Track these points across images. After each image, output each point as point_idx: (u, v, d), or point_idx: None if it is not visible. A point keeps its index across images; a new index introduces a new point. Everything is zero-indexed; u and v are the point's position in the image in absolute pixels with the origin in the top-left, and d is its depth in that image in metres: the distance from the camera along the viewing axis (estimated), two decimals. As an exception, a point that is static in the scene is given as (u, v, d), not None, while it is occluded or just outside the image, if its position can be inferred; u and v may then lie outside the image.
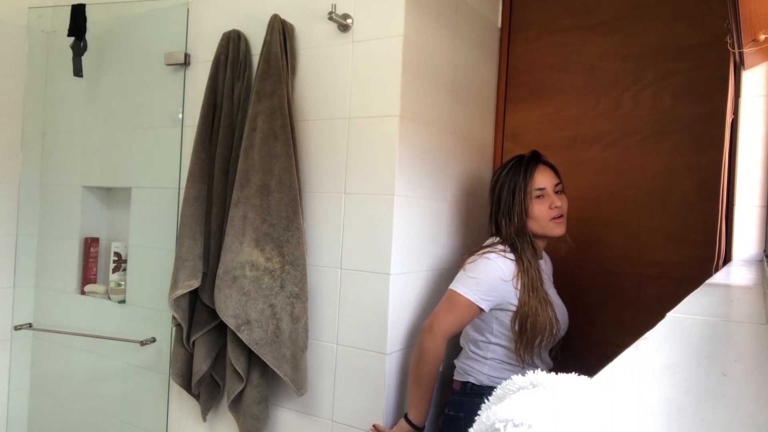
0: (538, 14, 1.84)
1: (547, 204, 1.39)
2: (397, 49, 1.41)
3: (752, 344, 0.42)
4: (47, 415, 2.16)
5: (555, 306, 1.40)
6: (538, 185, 1.39)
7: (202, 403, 1.67)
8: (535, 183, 1.39)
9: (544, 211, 1.39)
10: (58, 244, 2.12)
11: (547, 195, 1.40)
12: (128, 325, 1.92)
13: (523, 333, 1.34)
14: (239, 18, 1.68)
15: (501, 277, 1.35)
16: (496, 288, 1.35)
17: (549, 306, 1.37)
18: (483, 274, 1.35)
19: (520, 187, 1.39)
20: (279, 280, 1.47)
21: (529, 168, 1.40)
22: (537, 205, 1.39)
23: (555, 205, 1.39)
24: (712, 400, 0.28)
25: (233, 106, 1.61)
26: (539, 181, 1.39)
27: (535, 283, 1.36)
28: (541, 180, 1.40)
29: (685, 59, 1.60)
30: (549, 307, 1.36)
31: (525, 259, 1.37)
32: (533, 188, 1.39)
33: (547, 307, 1.36)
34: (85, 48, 1.95)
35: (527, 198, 1.39)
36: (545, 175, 1.41)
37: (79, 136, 2.09)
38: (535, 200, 1.39)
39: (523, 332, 1.34)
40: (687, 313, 0.49)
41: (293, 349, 1.47)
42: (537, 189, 1.39)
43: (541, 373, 0.38)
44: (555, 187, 1.42)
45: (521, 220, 1.39)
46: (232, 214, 1.49)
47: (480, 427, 0.32)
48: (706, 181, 1.55)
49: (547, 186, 1.40)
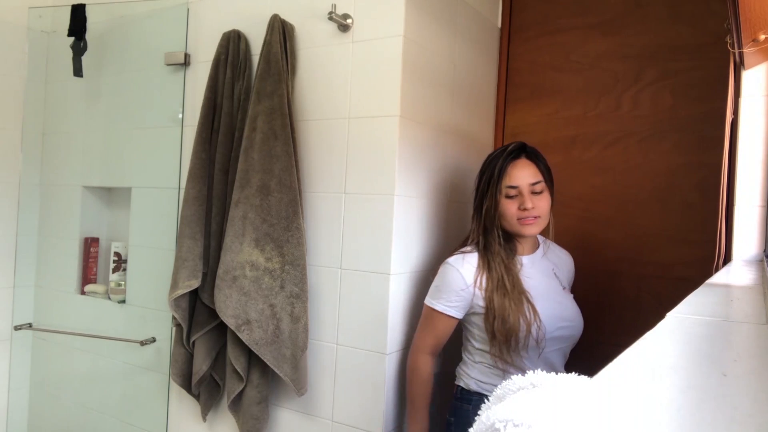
0: (538, 14, 1.84)
1: (517, 204, 1.31)
2: (397, 49, 1.41)
3: (752, 344, 0.42)
4: (47, 415, 2.16)
5: (543, 304, 1.31)
6: (510, 182, 1.31)
7: (202, 403, 1.67)
8: (507, 180, 1.31)
9: (513, 210, 1.31)
10: (58, 244, 2.12)
11: (519, 194, 1.31)
12: (128, 325, 1.92)
13: (495, 335, 1.28)
14: (239, 18, 1.68)
15: (460, 280, 1.31)
16: (458, 293, 1.31)
17: (525, 305, 1.28)
18: (444, 282, 1.33)
19: (494, 182, 1.32)
20: (279, 280, 1.47)
21: (506, 162, 1.32)
22: (507, 203, 1.31)
23: (523, 207, 1.30)
24: (712, 400, 0.28)
25: (233, 106, 1.61)
26: (513, 178, 1.31)
27: (502, 282, 1.29)
28: (515, 177, 1.31)
29: (685, 59, 1.60)
30: (525, 305, 1.28)
31: (490, 258, 1.32)
32: (505, 185, 1.31)
33: (520, 306, 1.28)
34: (85, 48, 1.95)
35: (498, 195, 1.31)
36: (522, 172, 1.31)
37: (79, 136, 2.09)
38: (506, 199, 1.31)
39: (495, 334, 1.28)
40: (687, 313, 0.49)
41: (293, 349, 1.47)
42: (508, 187, 1.31)
43: (541, 373, 0.38)
44: (532, 186, 1.31)
45: (490, 216, 1.33)
46: (232, 214, 1.49)
47: (480, 427, 0.32)
48: (706, 181, 1.55)
49: (521, 185, 1.30)
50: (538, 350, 1.30)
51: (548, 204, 1.33)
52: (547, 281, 1.37)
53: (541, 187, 1.32)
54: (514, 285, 1.30)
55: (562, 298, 1.37)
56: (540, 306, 1.30)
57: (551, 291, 1.36)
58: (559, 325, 1.32)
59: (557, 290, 1.38)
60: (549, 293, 1.35)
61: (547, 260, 1.41)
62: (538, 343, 1.28)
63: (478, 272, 1.31)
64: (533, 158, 1.34)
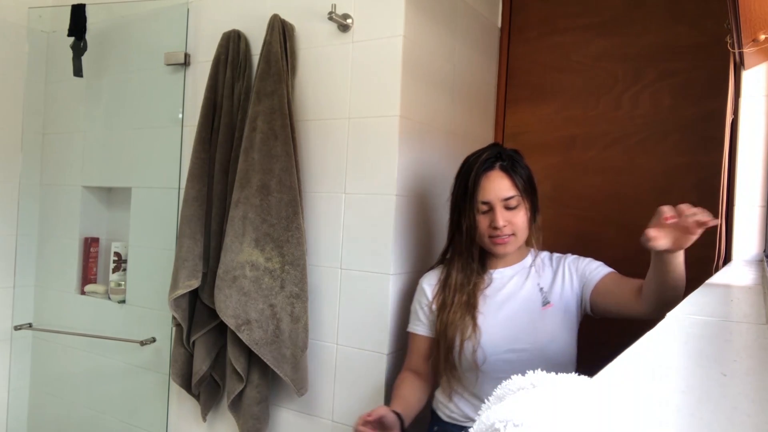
0: (538, 14, 1.84)
1: (488, 221, 1.21)
2: (397, 49, 1.41)
3: (752, 344, 0.42)
4: (47, 415, 2.16)
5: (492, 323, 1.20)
6: (482, 198, 1.21)
7: (202, 403, 1.67)
8: (480, 195, 1.21)
9: (484, 227, 1.22)
10: (58, 244, 2.12)
11: (491, 210, 1.21)
12: (128, 325, 1.92)
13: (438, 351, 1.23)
14: (239, 18, 1.68)
15: (423, 297, 1.30)
16: (423, 310, 1.30)
17: (467, 321, 1.19)
18: (414, 300, 1.34)
19: (468, 196, 1.23)
20: (279, 280, 1.47)
21: (479, 174, 1.22)
22: (480, 218, 1.22)
23: (493, 225, 1.20)
24: (711, 400, 0.28)
25: (233, 106, 1.61)
26: (485, 192, 1.21)
27: (452, 297, 1.23)
28: (487, 192, 1.21)
29: (685, 59, 1.60)
30: (467, 322, 1.19)
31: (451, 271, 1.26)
32: (478, 201, 1.21)
33: (461, 322, 1.19)
34: (85, 48, 1.95)
35: (472, 209, 1.22)
36: (495, 186, 1.21)
37: (79, 136, 2.09)
38: (479, 215, 1.23)
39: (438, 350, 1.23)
40: (687, 313, 0.49)
41: (293, 349, 1.47)
42: (482, 203, 1.21)
43: (541, 373, 0.38)
44: (505, 202, 1.20)
45: (470, 234, 1.23)
46: (232, 214, 1.49)
47: (480, 427, 0.32)
48: (706, 181, 1.55)
49: (492, 200, 1.20)
50: (476, 373, 1.19)
51: (524, 219, 1.22)
52: (517, 298, 1.23)
53: (516, 202, 1.21)
54: (465, 299, 1.21)
55: (530, 317, 1.20)
56: (487, 325, 1.20)
57: (516, 309, 1.22)
58: (508, 348, 1.18)
59: (529, 308, 1.22)
60: (509, 312, 1.21)
61: (532, 274, 1.27)
62: (477, 365, 1.17)
63: (438, 286, 1.28)
64: (508, 170, 1.22)
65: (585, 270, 1.25)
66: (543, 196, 1.78)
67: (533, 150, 1.82)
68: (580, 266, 1.26)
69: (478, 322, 1.19)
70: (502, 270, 1.27)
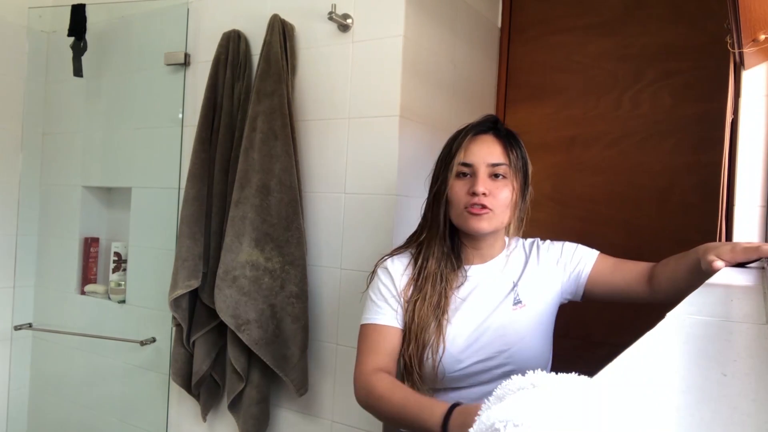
0: (538, 14, 1.84)
1: (467, 186, 1.02)
2: (397, 49, 1.41)
3: (752, 344, 0.42)
4: (47, 415, 2.16)
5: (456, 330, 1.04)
6: (463, 159, 1.03)
7: (202, 403, 1.67)
8: (461, 155, 1.03)
9: (460, 193, 1.02)
10: (58, 244, 2.12)
11: (473, 175, 1.02)
12: (128, 325, 1.92)
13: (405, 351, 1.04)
14: (239, 18, 1.68)
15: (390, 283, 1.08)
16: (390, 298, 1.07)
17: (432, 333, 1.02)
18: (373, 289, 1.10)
19: (448, 159, 1.05)
20: (279, 280, 1.47)
21: (463, 137, 1.05)
22: (455, 184, 1.03)
23: (473, 190, 1.00)
24: (711, 400, 0.28)
25: (233, 106, 1.61)
26: (468, 154, 1.03)
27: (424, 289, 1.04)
28: (471, 153, 1.03)
29: (685, 59, 1.60)
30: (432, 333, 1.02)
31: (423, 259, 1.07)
32: (457, 162, 1.03)
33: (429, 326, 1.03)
34: (85, 48, 1.95)
35: (449, 174, 1.04)
36: (482, 149, 1.03)
37: (79, 136, 2.09)
38: (456, 179, 1.04)
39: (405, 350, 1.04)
40: (687, 313, 0.49)
41: (293, 349, 1.47)
42: (461, 164, 1.03)
43: (541, 373, 0.38)
44: (492, 168, 1.02)
45: (438, 202, 1.06)
46: (232, 214, 1.49)
47: (480, 427, 0.32)
48: (706, 181, 1.55)
49: (476, 162, 1.02)
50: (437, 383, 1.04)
51: (508, 198, 1.03)
52: (489, 297, 1.08)
53: (503, 172, 1.03)
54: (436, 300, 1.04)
55: (500, 322, 1.05)
56: (453, 335, 1.03)
57: (486, 315, 1.06)
58: (473, 361, 1.03)
59: (499, 311, 1.06)
60: (478, 319, 1.05)
61: (506, 268, 1.11)
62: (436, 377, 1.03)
63: (404, 274, 1.08)
64: (503, 138, 1.05)
65: (566, 257, 1.12)
66: (543, 196, 1.79)
67: (533, 150, 1.81)
68: (561, 254, 1.13)
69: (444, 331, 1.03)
70: (478, 267, 1.10)
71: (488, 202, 1.01)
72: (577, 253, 1.13)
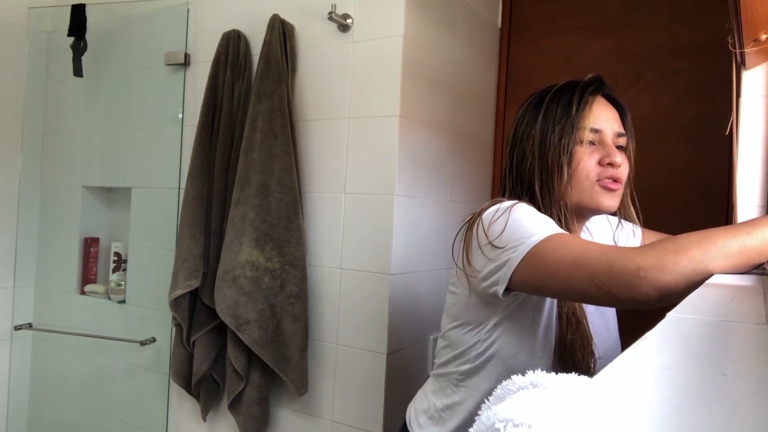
0: (538, 14, 1.84)
1: (598, 156, 0.86)
2: (397, 49, 1.41)
3: (752, 344, 0.42)
4: (47, 415, 2.16)
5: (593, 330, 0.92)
6: (593, 124, 0.86)
7: (202, 403, 1.67)
8: (589, 119, 0.85)
9: (590, 164, 0.85)
10: (58, 244, 2.12)
11: (602, 143, 0.87)
12: (128, 325, 1.92)
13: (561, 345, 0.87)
14: (239, 18, 1.68)
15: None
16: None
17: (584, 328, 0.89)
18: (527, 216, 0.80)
19: (568, 119, 0.85)
20: (279, 280, 1.47)
21: (586, 97, 0.86)
22: (585, 152, 0.85)
23: (610, 161, 0.85)
24: (711, 400, 0.28)
25: (233, 106, 1.61)
26: (597, 118, 0.86)
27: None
28: (599, 118, 0.86)
29: (685, 59, 1.59)
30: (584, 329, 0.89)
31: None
32: (585, 126, 0.85)
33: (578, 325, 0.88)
34: (85, 48, 1.95)
35: (571, 140, 0.85)
36: (609, 113, 0.88)
37: (79, 136, 2.09)
38: (582, 146, 0.85)
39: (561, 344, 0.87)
40: (687, 313, 0.49)
41: (293, 349, 1.47)
42: (591, 129, 0.86)
43: (541, 373, 0.38)
44: (617, 138, 0.88)
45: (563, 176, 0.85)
46: (232, 214, 1.49)
47: (480, 427, 0.32)
48: (706, 181, 1.55)
49: (605, 129, 0.87)
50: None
51: (627, 176, 0.91)
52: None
53: (625, 143, 0.90)
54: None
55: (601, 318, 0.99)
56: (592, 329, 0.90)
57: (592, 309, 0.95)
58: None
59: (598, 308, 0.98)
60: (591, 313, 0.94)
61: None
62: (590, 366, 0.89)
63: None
64: (616, 102, 0.91)
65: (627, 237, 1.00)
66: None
67: (533, 150, 1.82)
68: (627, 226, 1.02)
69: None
70: None
71: (622, 176, 0.87)
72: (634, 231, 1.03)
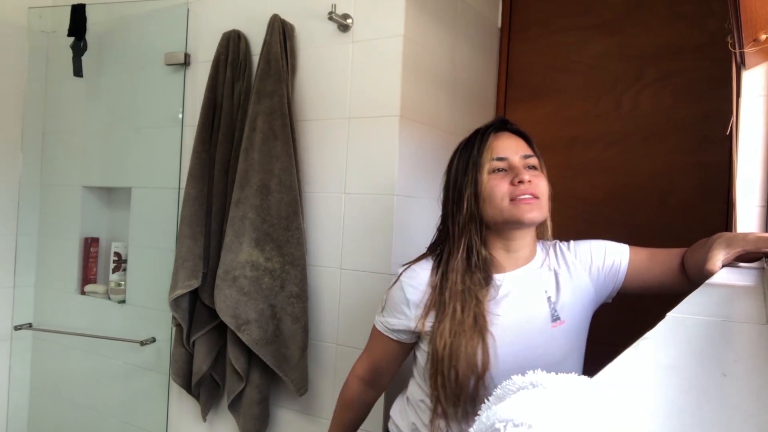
0: (538, 14, 1.84)
1: (508, 179, 0.96)
2: (397, 49, 1.41)
3: (752, 344, 0.42)
4: (47, 415, 2.16)
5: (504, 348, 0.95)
6: (497, 154, 0.98)
7: (202, 403, 1.67)
8: (491, 151, 0.98)
9: (503, 188, 0.96)
10: (58, 244, 2.12)
11: (511, 168, 0.97)
12: (128, 325, 1.92)
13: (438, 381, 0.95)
14: (239, 18, 1.68)
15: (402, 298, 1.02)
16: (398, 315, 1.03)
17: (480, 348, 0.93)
18: (389, 295, 1.06)
19: (473, 161, 0.99)
20: (279, 280, 1.47)
21: (487, 135, 1.00)
22: (493, 180, 0.97)
23: (519, 179, 0.95)
24: (712, 400, 0.28)
25: (233, 106, 1.61)
26: (499, 148, 0.99)
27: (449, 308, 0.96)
28: (502, 147, 0.99)
29: (685, 59, 1.59)
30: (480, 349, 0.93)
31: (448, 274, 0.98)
32: (490, 158, 0.98)
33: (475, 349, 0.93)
34: (85, 48, 1.95)
35: (479, 173, 0.97)
36: (510, 142, 1.00)
37: (79, 136, 2.09)
38: (492, 174, 0.97)
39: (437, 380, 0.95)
40: (687, 313, 0.49)
41: (293, 349, 1.47)
42: (496, 159, 0.98)
43: (541, 373, 0.38)
44: (524, 160, 0.99)
45: (472, 205, 0.98)
46: (232, 214, 1.49)
47: (480, 427, 0.32)
48: (706, 181, 1.55)
49: (509, 155, 0.98)
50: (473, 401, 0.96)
51: (547, 187, 1.00)
52: (524, 309, 0.99)
53: (535, 163, 1.00)
54: (472, 318, 0.95)
55: (538, 336, 0.98)
56: (498, 352, 0.95)
57: (524, 324, 0.98)
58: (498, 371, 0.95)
59: (537, 323, 0.99)
60: (520, 334, 0.98)
61: (540, 278, 1.03)
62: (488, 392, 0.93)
63: (426, 291, 1.00)
64: (520, 133, 1.04)
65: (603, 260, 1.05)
66: (543, 196, 1.79)
67: (533, 150, 1.82)
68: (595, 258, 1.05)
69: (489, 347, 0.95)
70: (510, 274, 1.01)
71: (535, 191, 0.96)
72: (609, 251, 1.06)
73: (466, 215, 0.99)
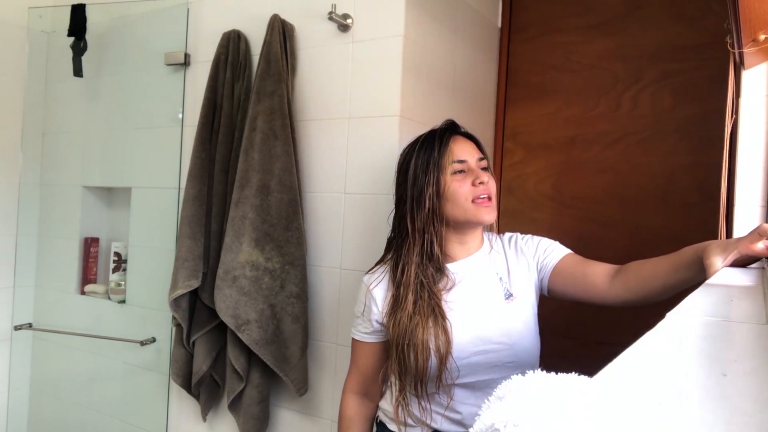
0: (538, 14, 1.84)
1: (470, 180, 1.07)
2: (397, 49, 1.41)
3: (752, 344, 0.42)
4: (47, 415, 2.16)
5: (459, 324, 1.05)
6: (457, 157, 1.07)
7: (202, 403, 1.67)
8: (452, 154, 1.07)
9: (465, 188, 1.06)
10: (58, 244, 2.12)
11: (470, 170, 1.08)
12: (128, 325, 1.92)
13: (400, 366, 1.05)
14: (239, 18, 1.68)
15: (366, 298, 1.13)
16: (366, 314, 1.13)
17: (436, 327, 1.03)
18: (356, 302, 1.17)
19: (434, 161, 1.07)
20: (279, 280, 1.47)
21: (445, 139, 1.09)
22: (455, 181, 1.06)
23: (480, 181, 1.06)
24: (711, 400, 0.28)
25: (233, 106, 1.61)
26: (459, 151, 1.08)
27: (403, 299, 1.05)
28: (461, 151, 1.09)
29: (685, 59, 1.59)
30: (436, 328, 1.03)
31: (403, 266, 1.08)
32: (451, 161, 1.07)
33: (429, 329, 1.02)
34: (85, 48, 1.95)
35: (442, 174, 1.06)
36: (466, 146, 1.11)
37: (79, 136, 2.09)
38: (454, 176, 1.07)
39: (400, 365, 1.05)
40: (687, 313, 0.49)
41: (293, 349, 1.47)
42: (456, 161, 1.07)
43: (541, 373, 0.38)
44: (479, 162, 1.10)
45: (434, 204, 1.06)
46: (232, 214, 1.49)
47: (480, 427, 0.32)
48: (706, 181, 1.55)
49: (468, 159, 1.08)
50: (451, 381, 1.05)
51: (496, 187, 1.12)
52: (478, 291, 1.10)
53: (486, 164, 1.11)
54: (428, 304, 1.04)
55: (493, 312, 1.08)
56: (456, 332, 1.04)
57: (482, 307, 1.08)
58: (475, 350, 1.04)
59: (491, 301, 1.09)
60: (474, 311, 1.08)
61: (490, 262, 1.14)
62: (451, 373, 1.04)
63: (385, 286, 1.11)
64: (470, 137, 1.15)
65: (540, 251, 1.15)
66: (543, 196, 1.79)
67: (533, 150, 1.82)
68: (536, 248, 1.15)
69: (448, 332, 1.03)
70: (463, 262, 1.12)
71: (490, 192, 1.08)
72: (550, 247, 1.15)
73: (427, 212, 1.07)
